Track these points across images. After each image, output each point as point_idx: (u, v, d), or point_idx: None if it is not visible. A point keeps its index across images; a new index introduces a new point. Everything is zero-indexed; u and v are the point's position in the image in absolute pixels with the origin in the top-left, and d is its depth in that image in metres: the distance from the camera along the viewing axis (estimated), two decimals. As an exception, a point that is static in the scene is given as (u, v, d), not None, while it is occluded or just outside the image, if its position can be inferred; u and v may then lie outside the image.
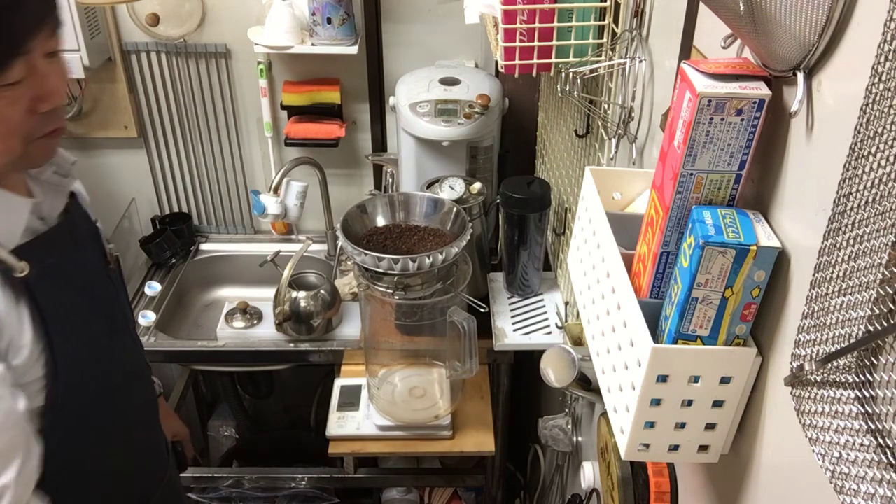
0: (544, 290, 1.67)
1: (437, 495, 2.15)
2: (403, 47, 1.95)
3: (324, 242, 2.17)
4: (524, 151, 1.97)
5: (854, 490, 0.44)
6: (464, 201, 1.62)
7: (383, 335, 1.69)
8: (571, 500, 1.35)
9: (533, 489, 2.08)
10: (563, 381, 1.00)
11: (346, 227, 1.45)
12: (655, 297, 0.71)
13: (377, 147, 2.09)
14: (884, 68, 0.43)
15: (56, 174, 0.96)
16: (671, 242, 0.68)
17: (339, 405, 1.72)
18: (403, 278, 1.41)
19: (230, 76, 1.99)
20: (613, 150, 1.10)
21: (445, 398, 1.70)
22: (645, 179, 0.85)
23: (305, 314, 1.75)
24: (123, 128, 2.03)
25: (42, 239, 0.90)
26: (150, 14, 1.87)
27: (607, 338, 0.74)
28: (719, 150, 0.61)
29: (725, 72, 0.60)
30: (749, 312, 0.62)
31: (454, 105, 1.69)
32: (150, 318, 1.87)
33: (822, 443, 0.49)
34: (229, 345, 1.80)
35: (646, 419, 0.66)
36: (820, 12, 0.51)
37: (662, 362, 0.63)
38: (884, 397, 0.43)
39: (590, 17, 1.12)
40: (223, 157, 2.12)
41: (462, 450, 1.67)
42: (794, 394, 0.54)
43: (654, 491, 0.85)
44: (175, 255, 2.13)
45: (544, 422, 1.57)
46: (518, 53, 1.13)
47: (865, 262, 0.45)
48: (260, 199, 1.89)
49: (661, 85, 0.94)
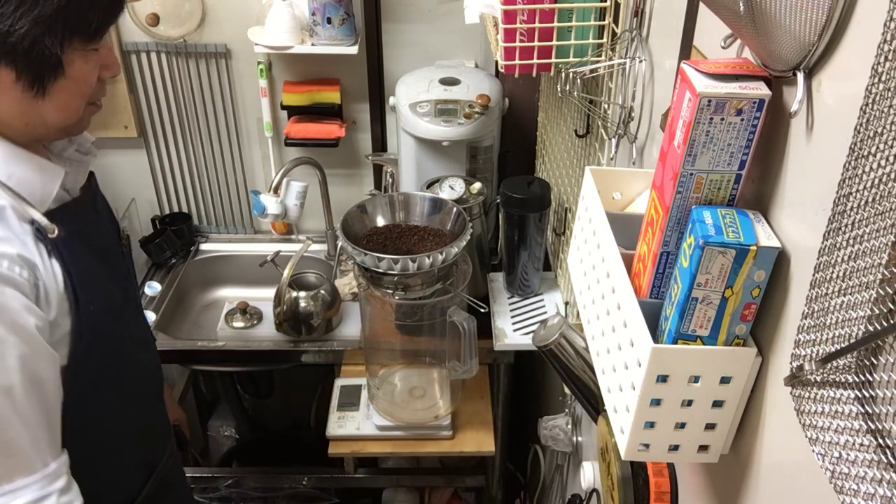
0: (544, 290, 1.67)
1: (437, 495, 2.15)
2: (403, 47, 1.95)
3: (324, 242, 2.17)
4: (524, 151, 1.97)
5: (854, 490, 0.44)
6: (464, 201, 1.62)
7: (383, 335, 1.69)
8: (571, 500, 1.35)
9: (533, 489, 2.08)
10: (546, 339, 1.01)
11: (346, 227, 1.45)
12: (655, 297, 0.71)
13: (377, 147, 2.09)
14: (884, 68, 0.42)
15: (77, 152, 1.02)
16: (671, 242, 0.68)
17: (339, 405, 1.72)
18: (403, 278, 1.41)
19: (230, 76, 1.99)
20: (613, 150, 1.10)
21: (445, 398, 1.70)
22: (645, 179, 0.85)
23: (305, 314, 1.75)
24: (123, 128, 2.03)
25: (69, 206, 0.97)
26: (150, 14, 1.87)
27: (607, 338, 0.74)
28: (719, 150, 0.61)
29: (725, 72, 0.60)
30: (749, 312, 0.62)
31: (454, 105, 1.69)
32: (151, 318, 1.87)
33: (822, 443, 0.49)
34: (229, 345, 1.80)
35: (646, 419, 0.66)
36: (820, 12, 0.51)
37: (662, 362, 0.63)
38: (884, 397, 0.43)
39: (590, 17, 1.12)
40: (223, 157, 2.12)
41: (462, 450, 1.67)
42: (794, 394, 0.54)
43: (654, 491, 0.85)
44: (175, 255, 2.13)
45: (544, 422, 1.57)
46: (518, 53, 1.13)
47: (865, 262, 0.45)
48: (260, 199, 1.89)
49: (661, 85, 0.94)
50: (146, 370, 1.16)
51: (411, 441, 1.68)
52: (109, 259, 1.04)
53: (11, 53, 0.80)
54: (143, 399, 1.15)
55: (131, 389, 1.09)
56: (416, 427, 1.67)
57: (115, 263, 1.07)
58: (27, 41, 0.80)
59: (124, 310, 1.05)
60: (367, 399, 1.71)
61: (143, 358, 1.14)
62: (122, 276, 1.08)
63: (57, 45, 0.82)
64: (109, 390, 1.02)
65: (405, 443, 1.68)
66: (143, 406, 1.15)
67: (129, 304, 1.09)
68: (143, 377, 1.14)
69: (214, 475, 1.91)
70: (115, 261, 1.07)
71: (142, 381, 1.14)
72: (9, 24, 0.79)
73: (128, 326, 1.07)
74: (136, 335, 1.12)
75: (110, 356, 1.01)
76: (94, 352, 0.95)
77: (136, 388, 1.11)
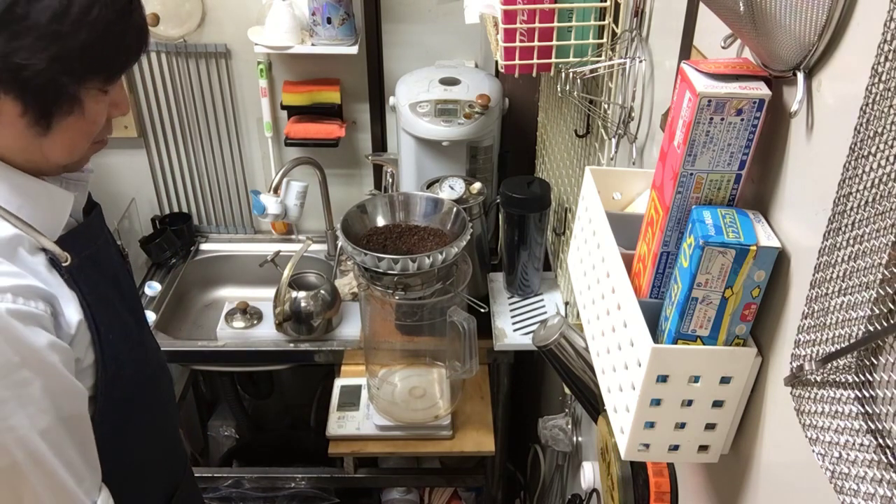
0: (544, 290, 1.67)
1: (437, 495, 2.15)
2: (403, 47, 1.95)
3: (324, 242, 2.17)
4: (524, 151, 1.97)
5: (854, 490, 0.44)
6: (464, 201, 1.62)
7: (383, 335, 1.69)
8: (571, 500, 1.35)
9: (533, 489, 2.08)
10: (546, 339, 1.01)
11: (346, 227, 1.45)
12: (655, 297, 0.71)
13: (377, 147, 2.09)
14: (884, 68, 0.42)
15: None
16: (671, 242, 0.68)
17: (339, 405, 1.72)
18: (403, 278, 1.41)
19: (230, 76, 1.99)
20: (613, 150, 1.10)
21: (445, 398, 1.70)
22: (645, 179, 0.85)
23: (305, 314, 1.75)
24: (123, 128, 2.03)
25: (78, 231, 0.93)
26: (150, 14, 1.87)
27: (607, 338, 0.74)
28: (719, 150, 0.61)
29: (725, 72, 0.60)
30: (749, 312, 0.62)
31: (454, 105, 1.69)
32: (151, 318, 1.87)
33: (822, 443, 0.49)
34: (229, 345, 1.80)
35: (646, 419, 0.66)
36: (820, 12, 0.51)
37: (662, 362, 0.63)
38: (884, 397, 0.43)
39: (590, 17, 1.12)
40: (223, 157, 2.12)
41: (462, 450, 1.67)
42: (794, 394, 0.54)
43: (654, 491, 0.85)
44: (175, 255, 2.13)
45: (544, 422, 1.57)
46: (518, 53, 1.13)
47: (865, 262, 0.45)
48: (260, 199, 1.89)
49: (661, 85, 0.94)
50: (166, 393, 1.13)
51: (411, 441, 1.68)
52: (120, 283, 1.01)
53: (21, 88, 0.76)
54: (165, 422, 1.13)
55: (155, 413, 1.07)
56: (416, 427, 1.67)
57: (126, 286, 1.04)
58: (42, 78, 0.76)
59: (140, 334, 1.03)
60: (367, 399, 1.71)
61: (163, 381, 1.11)
62: (132, 299, 1.05)
63: (74, 84, 0.78)
64: (135, 417, 1.00)
65: (405, 443, 1.68)
66: (166, 430, 1.13)
67: (142, 327, 1.06)
68: (164, 401, 1.12)
69: (214, 475, 1.91)
70: (126, 283, 1.04)
71: (163, 405, 1.12)
72: (24, 58, 0.74)
73: (145, 351, 1.04)
74: (153, 357, 1.09)
75: (134, 383, 0.98)
76: (117, 380, 0.93)
77: (160, 411, 1.09)
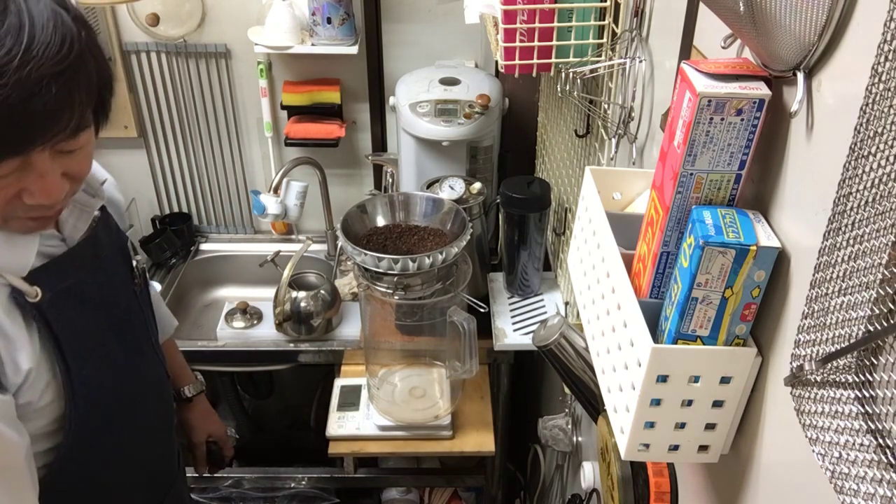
0: (544, 290, 1.67)
1: (437, 495, 2.15)
2: (403, 47, 1.95)
3: (324, 242, 2.17)
4: (524, 151, 1.97)
5: (854, 490, 0.44)
6: (464, 201, 1.62)
7: (383, 335, 1.69)
8: (571, 500, 1.35)
9: (533, 489, 2.08)
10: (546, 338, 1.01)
11: (346, 227, 1.45)
12: (655, 297, 0.71)
13: (377, 147, 2.09)
14: (884, 68, 0.42)
15: (85, 192, 0.93)
16: (671, 242, 0.68)
17: (339, 405, 1.72)
18: (403, 278, 1.41)
19: (230, 76, 1.99)
20: (613, 150, 1.10)
21: (445, 398, 1.70)
22: (645, 179, 0.85)
23: (305, 314, 1.75)
24: (123, 128, 2.03)
25: (58, 261, 0.88)
26: (150, 14, 1.87)
27: (607, 338, 0.74)
28: (719, 150, 0.61)
29: (725, 72, 0.59)
30: (749, 312, 0.62)
31: (454, 105, 1.69)
32: (150, 318, 1.87)
33: (822, 443, 0.49)
34: (229, 345, 1.80)
35: (646, 419, 0.66)
36: (820, 12, 0.51)
37: (662, 362, 0.63)
38: (884, 397, 0.43)
39: (590, 17, 1.12)
40: (223, 157, 2.12)
41: (462, 450, 1.67)
42: (794, 394, 0.54)
43: (654, 491, 0.85)
44: (175, 255, 2.13)
45: (544, 422, 1.57)
46: (518, 53, 1.13)
47: (865, 262, 0.45)
48: (260, 199, 1.89)
49: (661, 85, 0.94)
50: (155, 414, 1.11)
51: (411, 441, 1.68)
52: (112, 307, 0.97)
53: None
54: (147, 445, 1.11)
55: (136, 438, 1.06)
56: (416, 427, 1.67)
57: (120, 310, 0.99)
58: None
59: (130, 358, 1.00)
60: (367, 399, 1.71)
61: (153, 402, 1.09)
62: (128, 322, 1.01)
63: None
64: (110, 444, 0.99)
65: (405, 443, 1.68)
66: (147, 452, 1.12)
67: (138, 348, 1.03)
68: (150, 422, 1.10)
69: (214, 475, 1.91)
70: (122, 306, 1.00)
71: (148, 427, 1.10)
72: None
73: (130, 376, 1.01)
74: (147, 378, 1.06)
75: (112, 411, 0.96)
76: (92, 412, 0.91)
77: (141, 435, 1.08)
